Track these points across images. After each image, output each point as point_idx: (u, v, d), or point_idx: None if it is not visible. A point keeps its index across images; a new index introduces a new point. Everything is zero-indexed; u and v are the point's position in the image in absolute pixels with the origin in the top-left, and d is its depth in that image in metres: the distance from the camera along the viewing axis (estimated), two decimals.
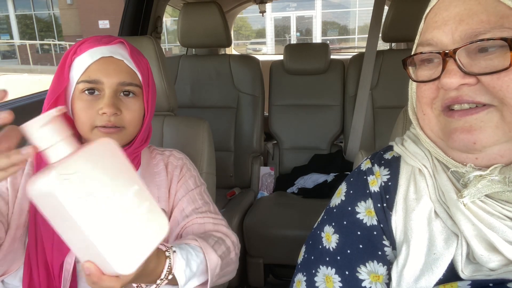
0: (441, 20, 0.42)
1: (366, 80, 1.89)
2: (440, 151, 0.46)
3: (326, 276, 0.51)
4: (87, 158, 0.41)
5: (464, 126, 0.41)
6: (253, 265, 1.63)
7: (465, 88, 0.41)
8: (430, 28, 0.44)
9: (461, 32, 0.40)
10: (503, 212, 0.41)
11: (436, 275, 0.43)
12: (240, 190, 1.91)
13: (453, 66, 0.40)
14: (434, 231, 0.45)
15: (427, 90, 0.45)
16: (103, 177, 0.42)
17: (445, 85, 0.41)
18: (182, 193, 0.82)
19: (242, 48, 16.39)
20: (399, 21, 1.76)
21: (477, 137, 0.40)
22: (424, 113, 0.46)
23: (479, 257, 0.40)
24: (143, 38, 1.06)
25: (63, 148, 0.41)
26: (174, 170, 0.84)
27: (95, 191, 0.41)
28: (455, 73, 0.40)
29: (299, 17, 17.07)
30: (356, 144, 1.95)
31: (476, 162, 0.42)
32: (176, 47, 12.79)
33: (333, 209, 0.55)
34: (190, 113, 1.94)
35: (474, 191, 0.41)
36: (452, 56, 0.40)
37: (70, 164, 0.40)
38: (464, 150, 0.42)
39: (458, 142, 0.42)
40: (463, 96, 0.41)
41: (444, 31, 0.42)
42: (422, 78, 0.46)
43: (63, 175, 0.38)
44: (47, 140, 0.40)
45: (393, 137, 0.88)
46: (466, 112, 0.41)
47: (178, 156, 0.87)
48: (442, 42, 0.42)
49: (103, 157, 0.43)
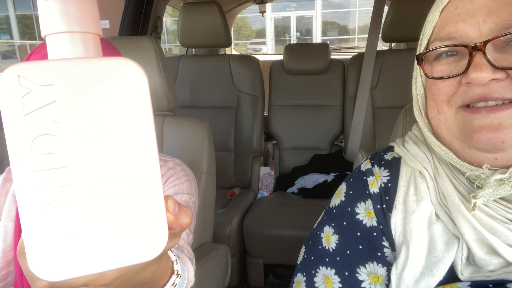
0: (465, 12, 0.40)
1: (366, 80, 1.89)
2: (453, 154, 0.43)
3: (325, 276, 0.51)
4: (86, 73, 0.23)
5: (492, 123, 0.38)
6: (253, 265, 1.63)
7: (493, 84, 0.38)
8: (451, 21, 0.41)
9: (492, 24, 0.38)
10: (506, 215, 0.40)
11: (436, 277, 0.42)
12: (240, 190, 1.91)
13: (482, 60, 0.38)
14: (434, 234, 0.44)
15: (446, 87, 0.42)
16: (91, 118, 0.23)
17: (475, 80, 0.38)
18: (170, 193, 0.75)
19: (242, 48, 16.38)
20: (399, 21, 1.76)
21: (507, 135, 0.38)
22: (439, 112, 0.44)
23: (480, 261, 0.40)
24: (143, 38, 1.06)
25: (69, 44, 0.25)
26: None
27: (65, 131, 0.23)
28: (486, 67, 0.37)
29: (299, 17, 17.05)
30: (356, 144, 1.95)
31: (494, 163, 0.40)
32: (176, 47, 12.78)
33: (332, 210, 0.55)
34: (190, 113, 1.94)
35: (489, 193, 0.39)
36: (482, 49, 0.38)
37: (51, 69, 0.23)
38: (488, 150, 0.40)
39: (485, 141, 0.39)
40: (492, 93, 0.38)
41: (470, 24, 0.39)
42: (440, 74, 0.43)
43: (25, 80, 0.22)
44: (53, 20, 0.24)
45: (393, 137, 0.88)
46: (495, 109, 0.38)
47: (170, 166, 0.80)
48: (467, 35, 0.40)
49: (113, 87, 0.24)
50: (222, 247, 1.16)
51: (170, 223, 0.27)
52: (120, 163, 0.24)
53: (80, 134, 0.23)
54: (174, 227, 0.27)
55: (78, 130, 0.23)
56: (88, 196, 0.23)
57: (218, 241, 1.56)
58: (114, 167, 0.24)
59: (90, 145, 0.23)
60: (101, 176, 0.24)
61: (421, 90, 0.48)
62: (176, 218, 0.27)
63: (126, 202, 0.24)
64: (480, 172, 0.40)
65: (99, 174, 0.24)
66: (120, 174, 0.24)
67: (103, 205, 0.24)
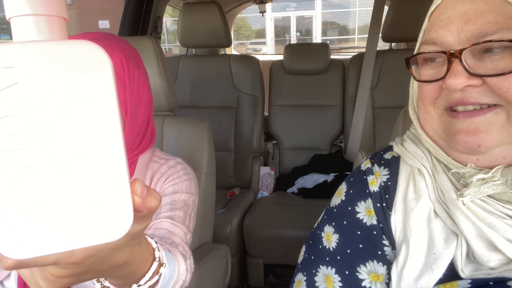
0: (446, 19, 0.41)
1: (366, 80, 1.89)
2: (441, 151, 0.45)
3: (326, 276, 0.51)
4: (49, 56, 0.23)
5: (469, 128, 0.40)
6: (253, 265, 1.63)
7: (470, 90, 0.40)
8: (435, 27, 0.43)
9: (468, 32, 0.39)
10: (504, 211, 0.40)
11: (436, 274, 0.43)
12: (240, 190, 1.91)
13: (459, 67, 0.39)
14: (433, 231, 0.44)
15: (430, 90, 0.44)
16: (54, 100, 0.23)
17: (450, 86, 0.40)
18: (169, 191, 0.76)
19: (242, 48, 16.38)
20: (399, 21, 1.76)
21: (482, 140, 0.40)
22: (426, 112, 0.46)
23: (479, 256, 0.40)
24: (143, 38, 1.06)
25: (33, 27, 0.25)
26: (159, 179, 0.77)
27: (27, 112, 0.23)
28: (461, 74, 0.39)
29: (299, 17, 17.06)
30: (356, 144, 1.95)
31: (476, 163, 0.42)
32: (176, 47, 12.79)
33: (333, 209, 0.55)
34: (190, 113, 1.94)
35: (474, 191, 0.41)
36: (458, 56, 0.39)
37: (13, 51, 0.23)
38: (467, 152, 0.42)
39: (462, 145, 0.41)
40: (468, 98, 0.40)
41: (450, 30, 0.41)
42: (425, 77, 0.45)
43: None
44: (18, 3, 0.24)
45: (393, 137, 0.88)
46: (472, 114, 0.40)
47: (171, 164, 0.80)
48: (447, 41, 0.41)
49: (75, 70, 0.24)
50: (222, 247, 1.16)
51: (137, 205, 0.27)
52: (83, 145, 0.24)
53: (42, 116, 0.23)
54: (141, 209, 0.28)
55: (40, 112, 0.23)
56: (51, 177, 0.24)
57: (218, 241, 1.56)
58: (77, 149, 0.24)
59: (53, 127, 0.23)
60: (64, 158, 0.24)
61: (416, 90, 0.49)
62: (143, 201, 0.28)
63: (90, 183, 0.25)
64: (465, 170, 0.42)
65: (63, 156, 0.24)
66: (84, 156, 0.24)
67: (67, 185, 0.24)
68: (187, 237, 0.72)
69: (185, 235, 0.72)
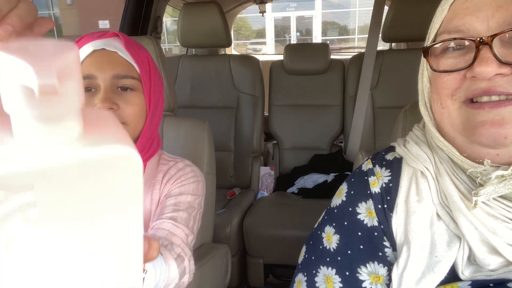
0: (473, 6, 0.40)
1: (366, 80, 1.89)
2: (455, 150, 0.43)
3: (326, 276, 0.51)
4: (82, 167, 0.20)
5: (494, 119, 0.38)
6: (253, 265, 1.63)
7: (498, 79, 0.38)
8: (459, 14, 0.41)
9: (500, 18, 0.38)
10: (507, 215, 0.40)
11: (437, 277, 0.42)
12: (240, 190, 1.91)
13: (489, 54, 0.38)
14: (436, 234, 0.44)
15: (451, 80, 0.42)
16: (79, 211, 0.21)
17: (480, 74, 0.38)
18: (175, 192, 0.76)
19: (242, 48, 16.38)
20: (399, 21, 1.76)
21: (509, 131, 0.38)
22: (443, 106, 0.44)
23: (481, 260, 0.40)
24: (143, 38, 1.06)
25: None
26: (168, 181, 0.78)
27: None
28: (492, 61, 0.37)
29: (299, 17, 17.05)
30: (356, 144, 1.95)
31: (495, 159, 0.40)
32: (176, 47, 12.78)
33: (333, 210, 0.55)
34: (190, 113, 1.94)
35: (490, 190, 0.39)
36: (489, 43, 0.38)
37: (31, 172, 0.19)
38: (490, 145, 0.40)
39: (487, 137, 0.39)
40: (496, 87, 0.38)
41: (478, 17, 0.39)
42: (445, 67, 0.43)
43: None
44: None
45: (393, 137, 0.88)
46: (498, 104, 0.38)
47: (180, 167, 0.81)
48: (475, 29, 0.40)
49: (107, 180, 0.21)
50: (222, 247, 1.16)
51: None
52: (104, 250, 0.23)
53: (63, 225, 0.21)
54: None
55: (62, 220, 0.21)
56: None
57: (218, 241, 1.56)
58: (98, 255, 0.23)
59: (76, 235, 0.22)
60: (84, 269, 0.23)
61: (427, 84, 0.48)
62: (144, 257, 0.28)
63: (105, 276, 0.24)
64: (482, 169, 0.40)
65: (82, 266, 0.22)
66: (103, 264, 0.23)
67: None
68: (188, 239, 0.72)
69: (187, 236, 0.72)
